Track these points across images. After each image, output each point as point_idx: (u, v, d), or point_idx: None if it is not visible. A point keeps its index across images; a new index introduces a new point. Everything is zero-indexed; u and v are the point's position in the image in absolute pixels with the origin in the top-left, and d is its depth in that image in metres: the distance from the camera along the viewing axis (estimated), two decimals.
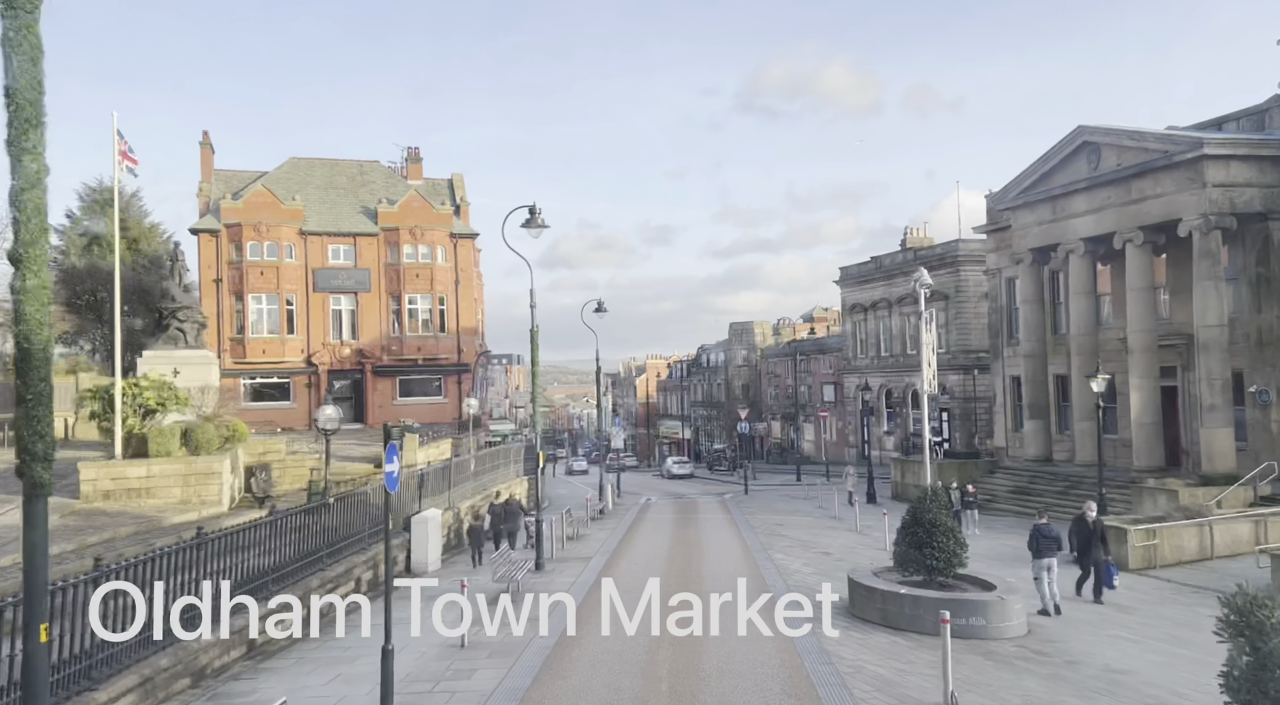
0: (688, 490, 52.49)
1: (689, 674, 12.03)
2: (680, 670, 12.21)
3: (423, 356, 48.04)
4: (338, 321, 47.82)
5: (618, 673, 12.15)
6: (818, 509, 35.83)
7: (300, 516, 16.57)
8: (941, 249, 55.84)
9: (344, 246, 47.77)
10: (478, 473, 30.57)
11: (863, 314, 63.71)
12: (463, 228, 49.99)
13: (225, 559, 13.51)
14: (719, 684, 11.60)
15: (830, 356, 69.79)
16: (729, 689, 11.38)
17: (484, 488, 31.28)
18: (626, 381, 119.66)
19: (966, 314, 54.20)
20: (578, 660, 12.92)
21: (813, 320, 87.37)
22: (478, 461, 30.63)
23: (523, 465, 37.95)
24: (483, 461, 31.83)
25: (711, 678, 11.86)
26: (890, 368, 60.45)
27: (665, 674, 12.06)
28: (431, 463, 29.42)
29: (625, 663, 12.57)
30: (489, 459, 33.81)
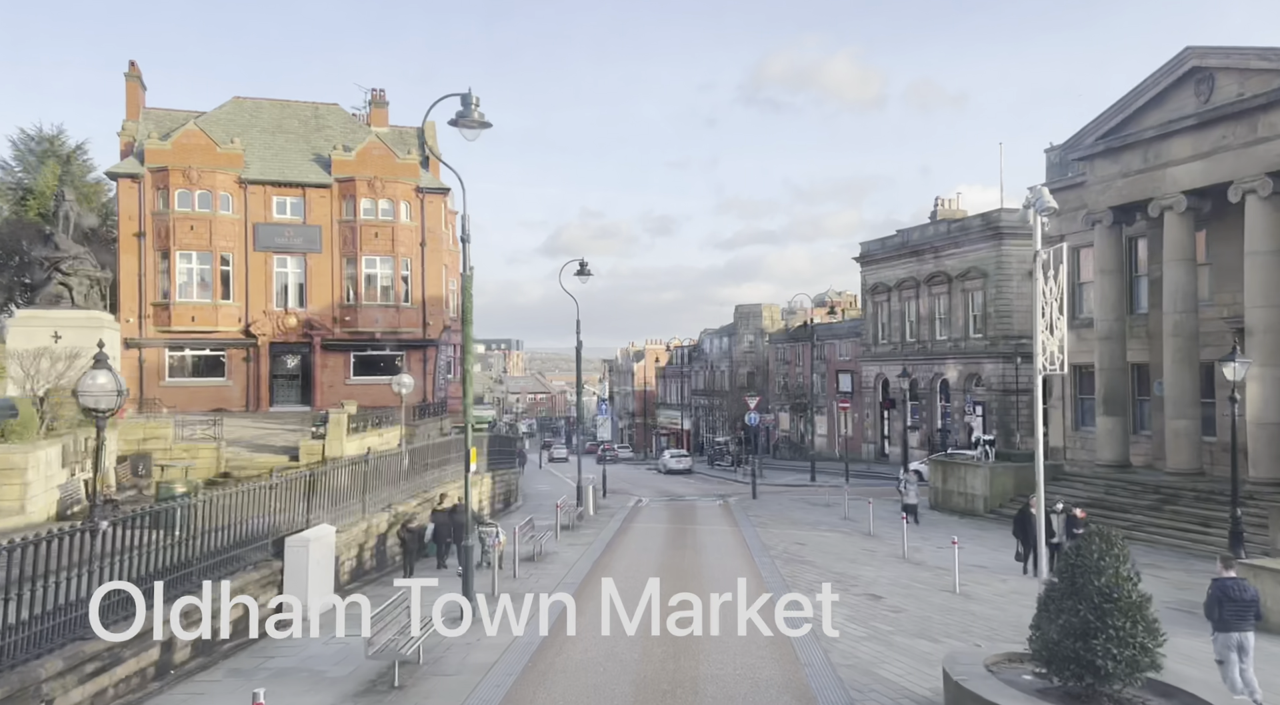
0: (685, 490, 45.89)
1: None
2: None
3: (381, 330, 41.43)
4: (282, 286, 41.17)
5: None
6: (843, 521, 29.22)
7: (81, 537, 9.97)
8: (980, 220, 49.09)
9: (291, 199, 41.07)
10: (418, 469, 23.95)
11: (885, 295, 56.99)
12: (431, 181, 43.28)
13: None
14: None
15: (847, 342, 63.11)
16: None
17: (426, 488, 24.71)
18: (624, 368, 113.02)
19: (1008, 294, 47.51)
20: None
21: (825, 304, 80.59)
22: (418, 455, 23.99)
23: (484, 460, 31.32)
24: (425, 455, 25.21)
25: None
26: (916, 355, 53.78)
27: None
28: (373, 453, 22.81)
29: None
30: (437, 451, 27.22)
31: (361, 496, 19.59)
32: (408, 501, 22.64)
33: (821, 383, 66.13)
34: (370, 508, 20.07)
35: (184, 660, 11.96)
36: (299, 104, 45.04)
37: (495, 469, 33.54)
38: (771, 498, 37.24)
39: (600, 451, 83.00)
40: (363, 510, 19.57)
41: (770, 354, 74.32)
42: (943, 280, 51.49)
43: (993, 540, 25.15)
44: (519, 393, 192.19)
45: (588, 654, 12.57)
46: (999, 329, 47.50)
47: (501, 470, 34.37)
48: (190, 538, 12.66)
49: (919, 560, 21.40)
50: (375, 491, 20.39)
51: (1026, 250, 47.94)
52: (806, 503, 35.18)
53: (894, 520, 29.35)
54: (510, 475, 37.25)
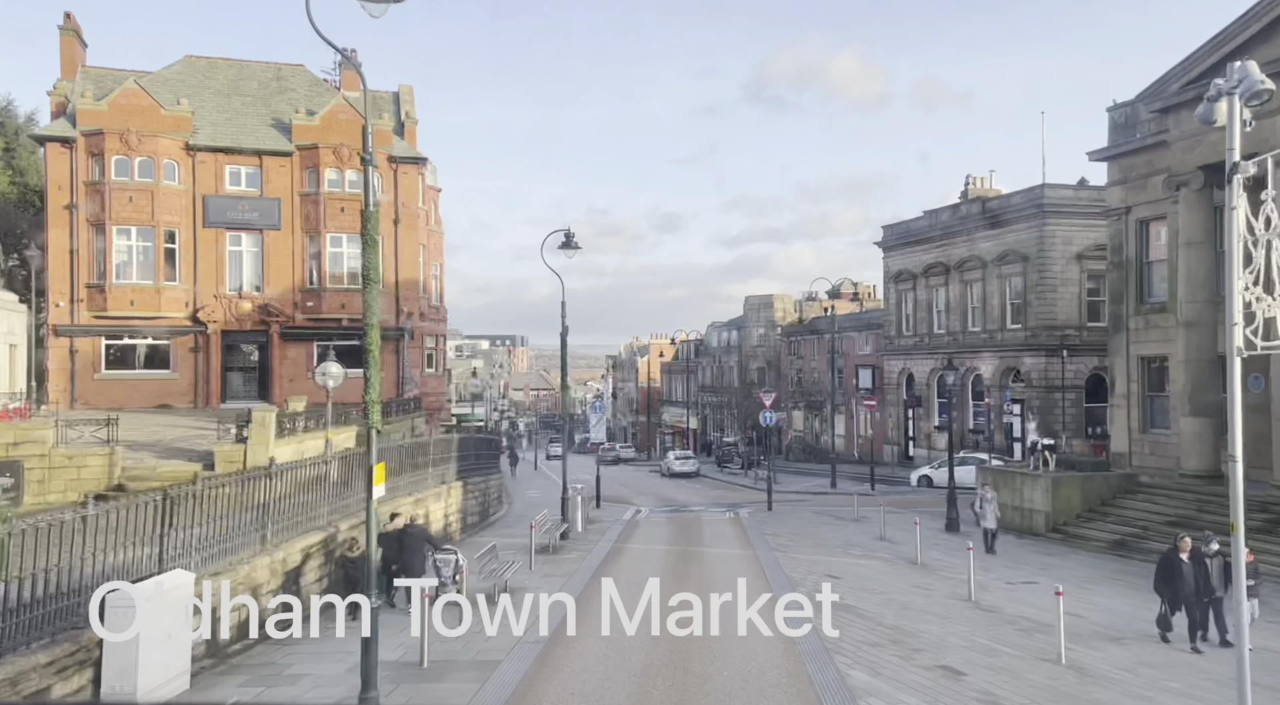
0: (691, 497, 41.08)
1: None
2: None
3: (349, 316, 36.69)
4: (236, 267, 36.47)
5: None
6: (880, 543, 24.40)
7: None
8: (1020, 197, 44.13)
9: (247, 169, 36.35)
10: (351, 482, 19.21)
11: (910, 283, 52.09)
12: (406, 150, 38.53)
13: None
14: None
15: (868, 334, 58.21)
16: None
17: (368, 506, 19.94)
18: (627, 364, 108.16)
19: (1051, 279, 42.59)
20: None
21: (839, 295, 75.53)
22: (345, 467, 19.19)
23: (453, 466, 26.55)
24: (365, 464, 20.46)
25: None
26: (945, 348, 48.84)
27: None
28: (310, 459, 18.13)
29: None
30: (399, 456, 22.51)
31: (262, 521, 14.84)
32: (344, 523, 17.91)
33: (839, 379, 61.25)
34: (284, 534, 15.34)
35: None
36: (259, 65, 40.30)
37: (470, 476, 28.82)
38: (789, 509, 32.44)
39: (600, 452, 78.28)
40: (262, 541, 14.83)
41: (783, 348, 69.45)
42: (976, 265, 46.59)
43: (1071, 572, 20.33)
44: (522, 389, 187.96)
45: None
46: (1041, 319, 42.59)
47: (477, 477, 29.65)
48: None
49: (991, 605, 16.58)
50: (288, 514, 15.64)
51: (1072, 230, 43.03)
52: (831, 516, 30.36)
53: (938, 540, 24.59)
54: (491, 481, 32.53)
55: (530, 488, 46.53)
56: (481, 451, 33.66)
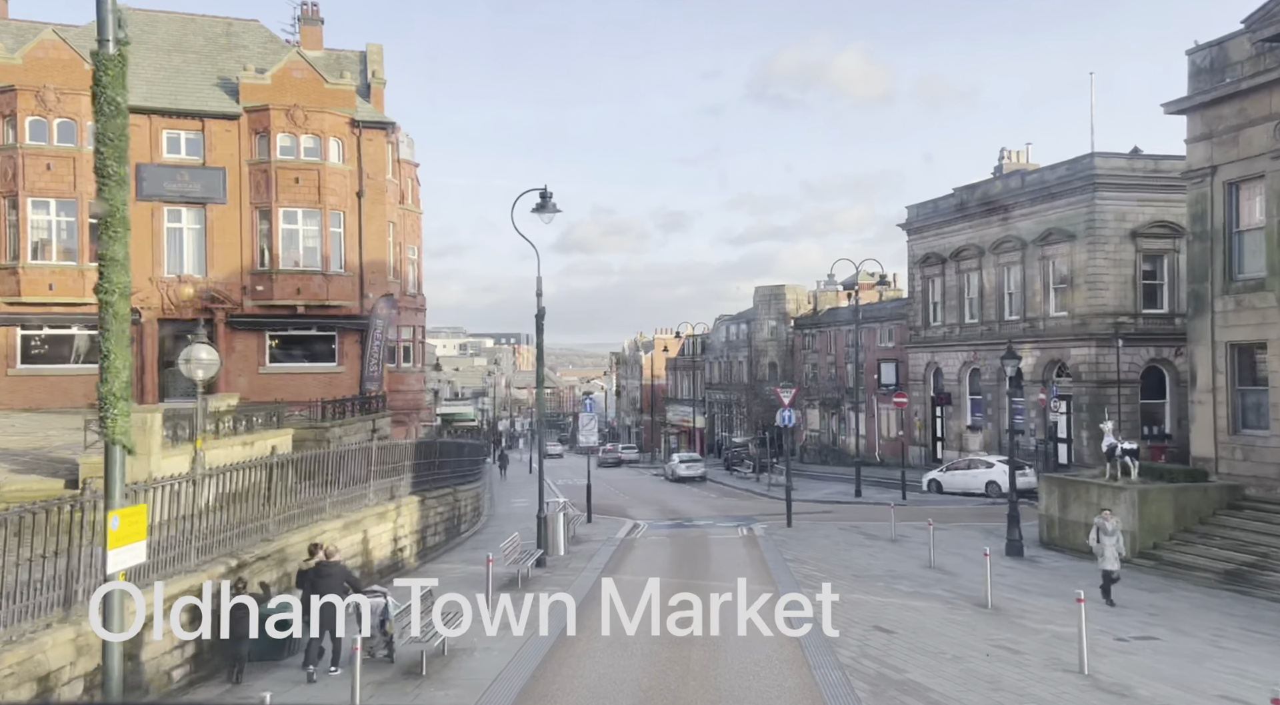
0: (697, 507, 36.41)
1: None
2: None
3: (305, 302, 32.12)
4: (175, 246, 31.89)
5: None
6: (930, 573, 19.69)
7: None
8: (1066, 169, 39.28)
9: (188, 134, 31.75)
10: (256, 502, 14.58)
11: (939, 268, 47.32)
12: (372, 113, 33.89)
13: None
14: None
15: (890, 325, 53.46)
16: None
17: (290, 529, 15.45)
18: (631, 361, 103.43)
19: (1102, 260, 37.78)
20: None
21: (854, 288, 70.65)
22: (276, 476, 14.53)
23: (408, 477, 21.89)
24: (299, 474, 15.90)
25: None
26: (979, 339, 44.12)
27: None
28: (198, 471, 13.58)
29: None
30: (332, 467, 17.92)
31: (68, 571, 10.23)
32: (211, 568, 13.29)
33: (857, 373, 56.48)
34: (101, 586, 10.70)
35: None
36: (207, 19, 35.69)
37: (434, 487, 24.21)
38: (811, 525, 27.72)
39: (600, 453, 73.66)
40: (65, 603, 10.21)
41: (796, 342, 64.69)
42: (1014, 246, 41.80)
43: (1188, 617, 15.61)
44: (525, 387, 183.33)
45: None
46: (1091, 304, 37.79)
47: (442, 488, 25.01)
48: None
49: (1115, 681, 11.83)
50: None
51: (1126, 204, 38.13)
52: (862, 534, 25.63)
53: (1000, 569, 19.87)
54: (463, 493, 27.90)
55: (519, 495, 41.88)
56: (452, 457, 29.05)
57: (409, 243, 41.49)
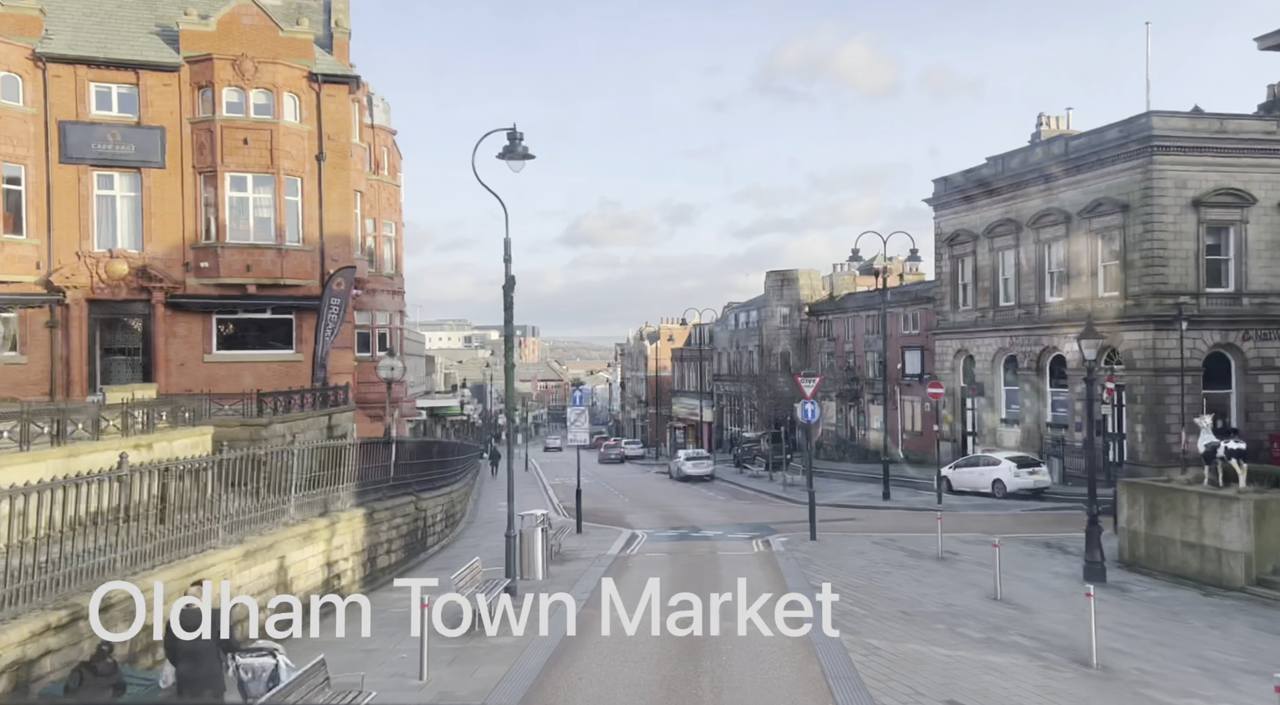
0: (705, 512, 32.38)
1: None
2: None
3: (257, 280, 28.16)
4: (107, 216, 27.95)
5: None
6: (998, 607, 15.59)
7: None
8: (1118, 131, 35.00)
9: (120, 87, 27.77)
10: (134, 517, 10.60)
11: (969, 246, 43.13)
12: (334, 66, 29.85)
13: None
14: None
15: (915, 310, 49.27)
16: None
17: (135, 573, 11.49)
18: (636, 352, 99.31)
19: (1161, 233, 33.56)
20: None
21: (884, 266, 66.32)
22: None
23: (349, 486, 17.87)
24: (160, 485, 11.95)
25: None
26: (1015, 324, 39.97)
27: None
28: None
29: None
30: (234, 472, 13.94)
31: None
32: (21, 625, 9.32)
33: (878, 363, 52.30)
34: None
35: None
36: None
37: (388, 496, 20.19)
38: (840, 538, 23.63)
39: (603, 449, 69.74)
40: None
41: (811, 329, 60.51)
42: (1057, 220, 37.59)
43: None
44: (530, 380, 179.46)
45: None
46: (1147, 283, 33.59)
47: (401, 496, 20.98)
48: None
49: None
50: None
51: (1188, 170, 33.75)
52: (901, 550, 21.53)
53: (1084, 601, 15.76)
54: (430, 500, 23.88)
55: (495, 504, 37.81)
56: (422, 458, 25.05)
57: (386, 218, 37.53)
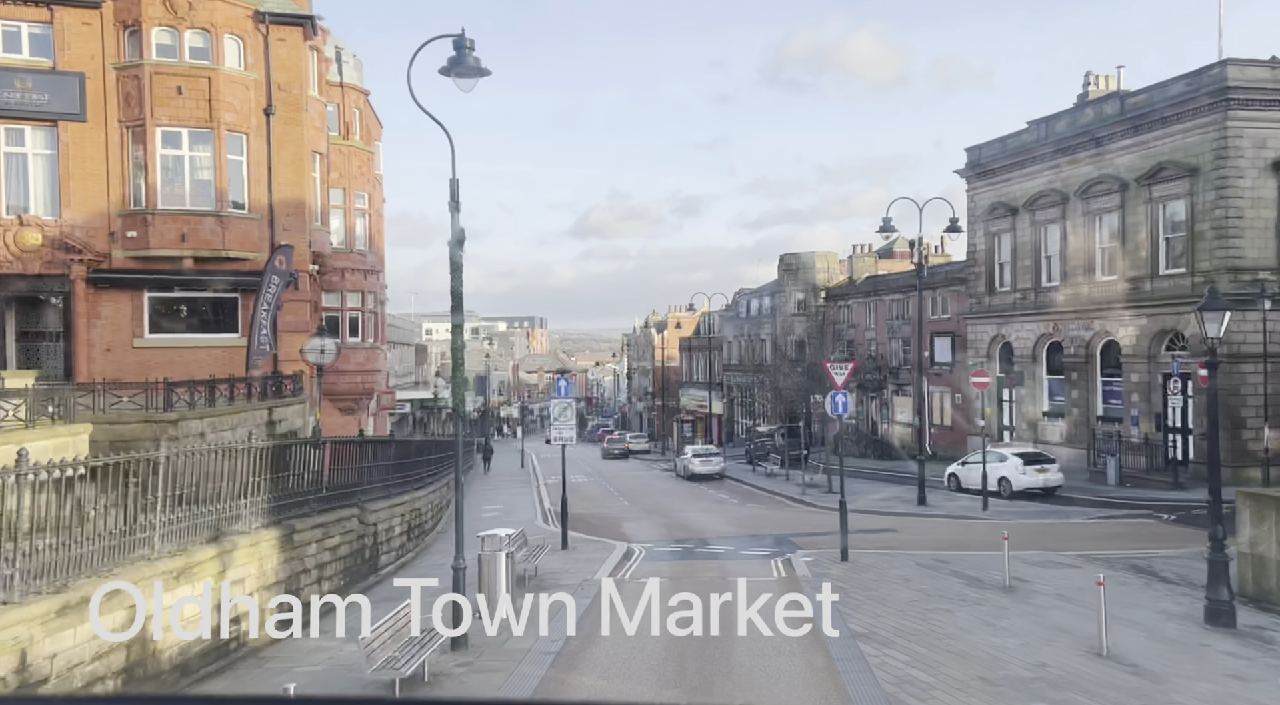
0: (713, 518, 28.38)
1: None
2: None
3: (195, 252, 24.27)
4: (17, 177, 24.10)
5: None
6: (1108, 669, 11.54)
7: None
8: (1184, 84, 30.74)
9: (32, 27, 23.89)
10: None
11: (1008, 220, 38.96)
12: (285, 4, 25.86)
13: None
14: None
15: (945, 293, 45.15)
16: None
17: None
18: (643, 342, 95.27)
19: (1236, 200, 29.36)
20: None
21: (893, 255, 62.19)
22: None
23: (257, 499, 13.91)
24: None
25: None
26: (1061, 306, 35.84)
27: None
28: None
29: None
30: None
31: None
32: None
33: (904, 350, 48.15)
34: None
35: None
36: None
37: (312, 513, 16.20)
38: (878, 559, 19.57)
39: (606, 442, 65.84)
40: None
41: (828, 315, 56.38)
42: (1110, 188, 33.40)
43: None
44: (535, 371, 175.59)
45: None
46: (1220, 258, 29.42)
47: (338, 512, 17.01)
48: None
49: None
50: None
51: (1268, 127, 29.11)
52: (956, 576, 17.48)
53: (1216, 655, 11.77)
54: (385, 512, 19.93)
55: (492, 500, 34.00)
56: (375, 461, 21.09)
57: (358, 188, 33.64)
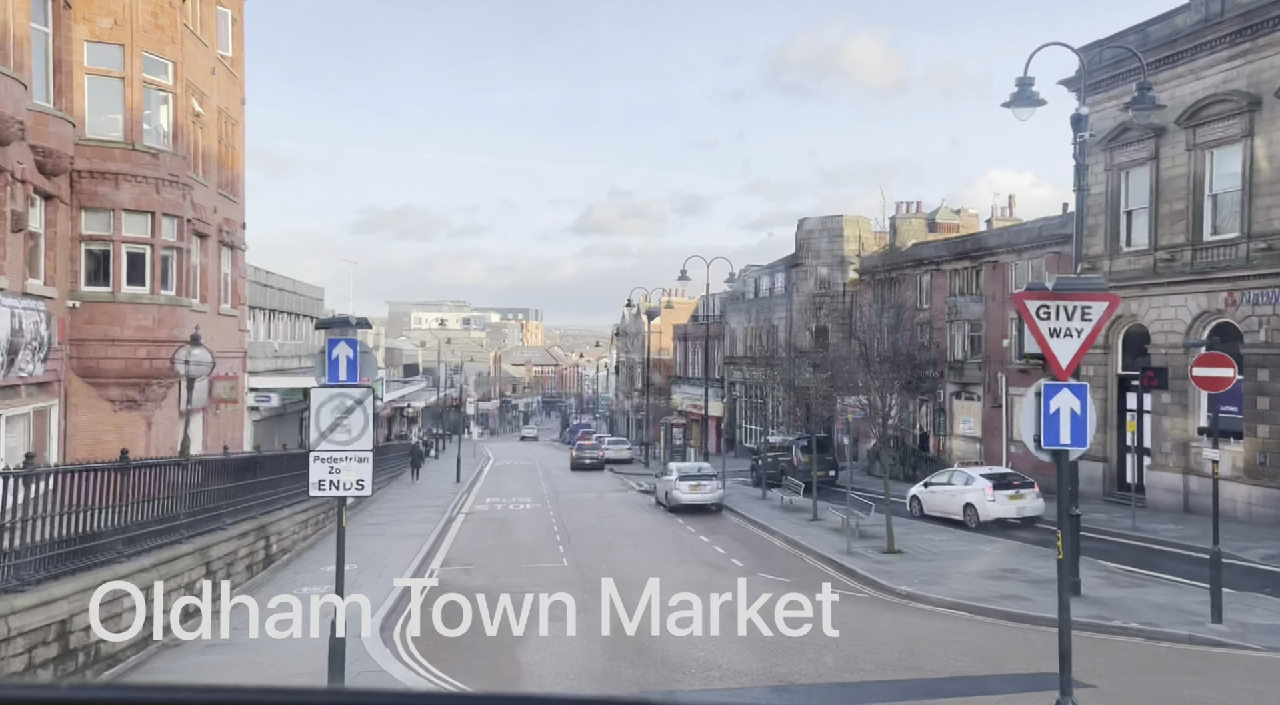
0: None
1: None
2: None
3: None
4: None
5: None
6: None
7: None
8: None
9: None
10: None
11: (1147, 146, 26.78)
12: None
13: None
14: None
15: (1031, 260, 32.99)
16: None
17: None
18: (631, 332, 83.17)
19: None
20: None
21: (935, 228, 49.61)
22: None
23: None
24: None
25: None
26: (1236, 269, 23.69)
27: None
28: None
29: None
30: None
31: None
32: None
33: (970, 340, 36.04)
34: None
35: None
36: None
37: None
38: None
39: (577, 448, 53.65)
40: None
41: (862, 296, 44.17)
42: None
43: None
44: (523, 364, 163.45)
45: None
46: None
47: None
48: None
49: None
50: None
51: None
52: None
53: None
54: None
55: (359, 548, 21.81)
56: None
57: (153, 50, 21.68)
